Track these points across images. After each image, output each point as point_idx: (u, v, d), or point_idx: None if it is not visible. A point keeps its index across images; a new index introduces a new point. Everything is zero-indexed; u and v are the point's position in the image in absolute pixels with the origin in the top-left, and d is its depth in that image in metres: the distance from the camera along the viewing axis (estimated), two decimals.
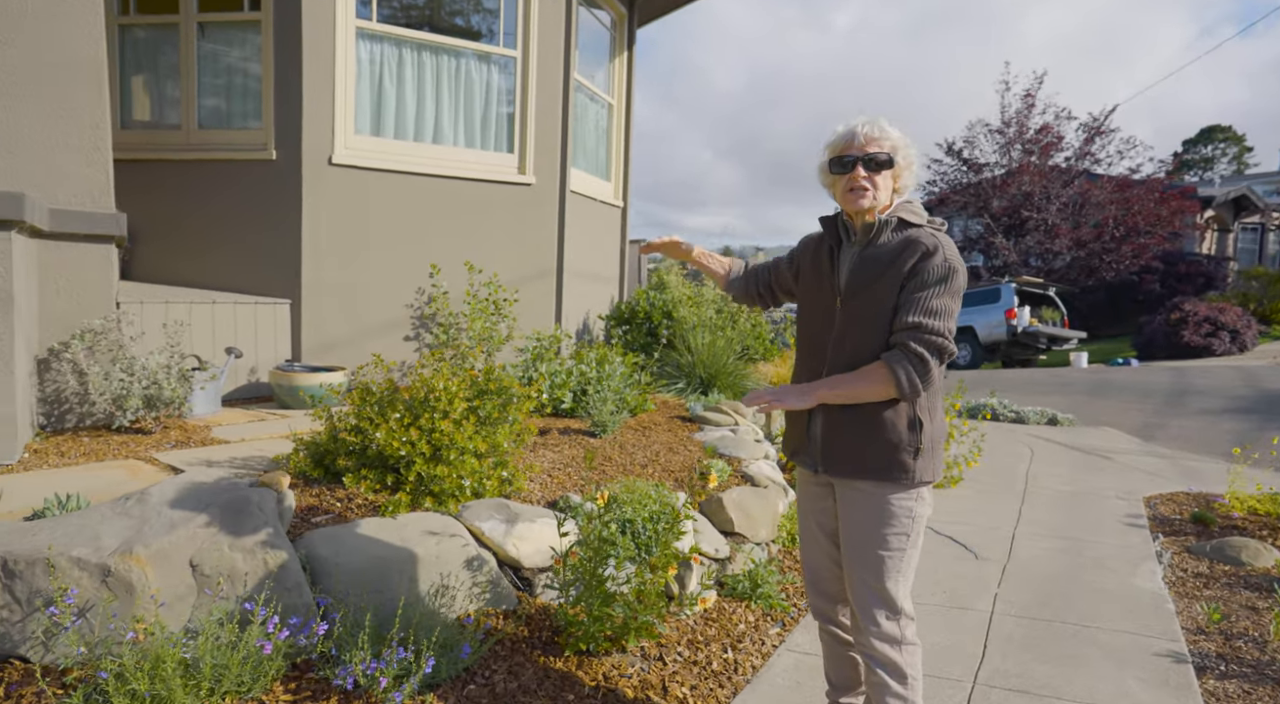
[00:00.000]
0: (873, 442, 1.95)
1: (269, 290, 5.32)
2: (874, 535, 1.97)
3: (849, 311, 1.99)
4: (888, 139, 1.96)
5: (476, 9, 6.40)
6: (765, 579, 3.37)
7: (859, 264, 1.99)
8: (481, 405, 3.22)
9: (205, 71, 5.55)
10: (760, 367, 7.29)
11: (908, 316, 1.87)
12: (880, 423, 1.94)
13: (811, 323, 2.13)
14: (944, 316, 1.88)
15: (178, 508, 2.42)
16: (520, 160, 6.32)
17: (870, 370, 1.91)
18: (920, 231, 1.95)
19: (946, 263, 1.88)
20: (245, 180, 5.36)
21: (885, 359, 1.89)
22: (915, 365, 1.85)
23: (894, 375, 1.86)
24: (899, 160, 1.98)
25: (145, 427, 3.97)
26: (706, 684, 2.65)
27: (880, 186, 1.96)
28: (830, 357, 2.03)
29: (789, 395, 1.98)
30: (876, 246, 1.97)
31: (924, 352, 1.85)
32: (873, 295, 1.95)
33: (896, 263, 1.92)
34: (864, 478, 1.97)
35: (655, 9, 8.61)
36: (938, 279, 1.88)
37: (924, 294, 1.87)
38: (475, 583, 2.74)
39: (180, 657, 2.05)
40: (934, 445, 1.98)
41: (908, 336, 1.87)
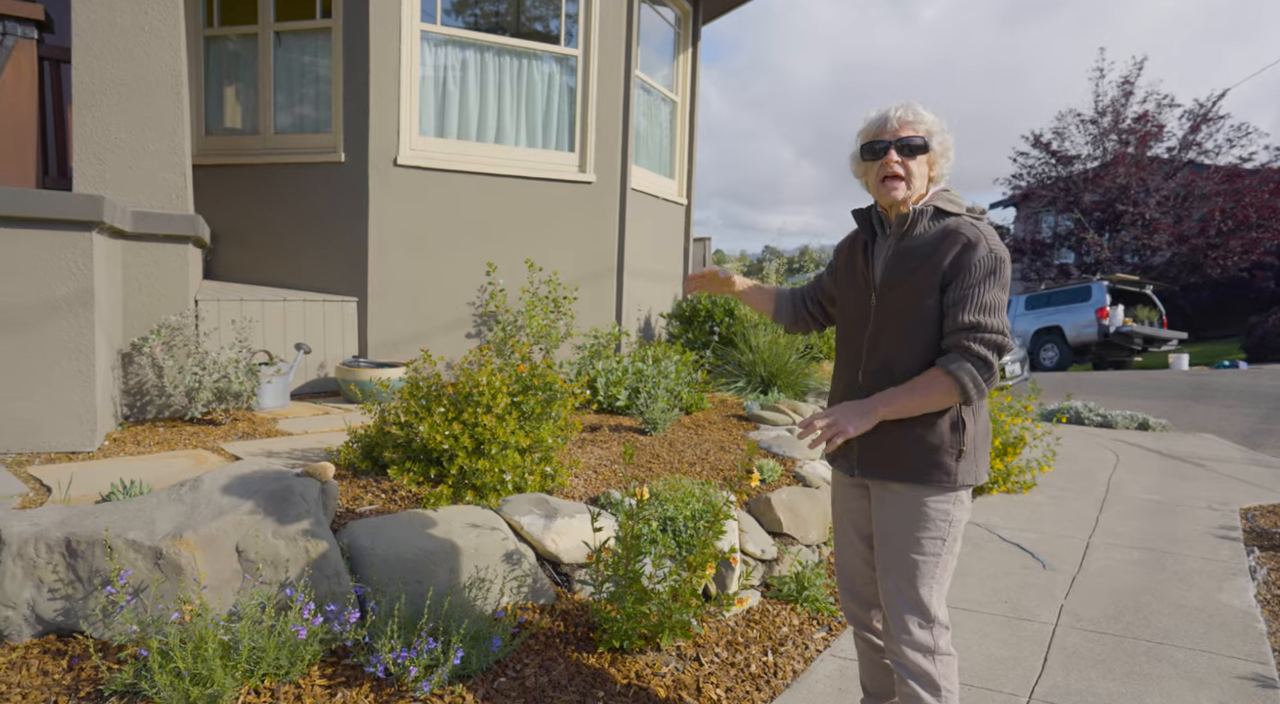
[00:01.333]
0: (914, 443, 1.86)
1: (338, 288, 5.52)
2: (909, 539, 1.89)
3: (884, 307, 1.91)
4: (922, 123, 1.86)
5: (538, 9, 6.47)
6: (812, 582, 3.28)
7: (894, 257, 1.90)
8: (525, 401, 3.24)
9: (281, 78, 5.80)
10: (824, 365, 7.12)
11: (963, 316, 1.77)
12: (922, 424, 1.85)
13: (848, 321, 2.05)
14: (998, 312, 1.78)
15: (227, 495, 2.52)
16: (581, 159, 6.35)
17: (932, 380, 1.80)
18: (959, 221, 1.85)
19: (993, 254, 1.78)
20: (316, 182, 5.57)
21: (946, 366, 1.78)
22: (980, 368, 1.76)
23: (959, 382, 1.76)
24: (934, 145, 1.87)
25: (215, 418, 4.17)
26: (743, 687, 2.59)
27: (915, 174, 1.86)
28: (865, 354, 1.95)
29: (847, 419, 1.81)
30: (912, 238, 1.88)
31: (986, 352, 1.76)
32: (909, 289, 1.85)
33: (934, 255, 1.82)
34: (902, 480, 1.89)
35: (722, 4, 8.52)
36: (986, 272, 1.77)
37: (975, 290, 1.77)
38: (513, 577, 2.76)
39: (221, 639, 2.14)
40: (976, 447, 1.89)
41: (967, 337, 1.77)
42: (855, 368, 1.98)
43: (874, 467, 1.94)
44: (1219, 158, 22.25)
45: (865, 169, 1.93)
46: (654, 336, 7.34)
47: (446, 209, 5.74)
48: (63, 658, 2.22)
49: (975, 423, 1.89)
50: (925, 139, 1.85)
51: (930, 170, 1.89)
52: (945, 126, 1.90)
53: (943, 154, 1.90)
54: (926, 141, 1.85)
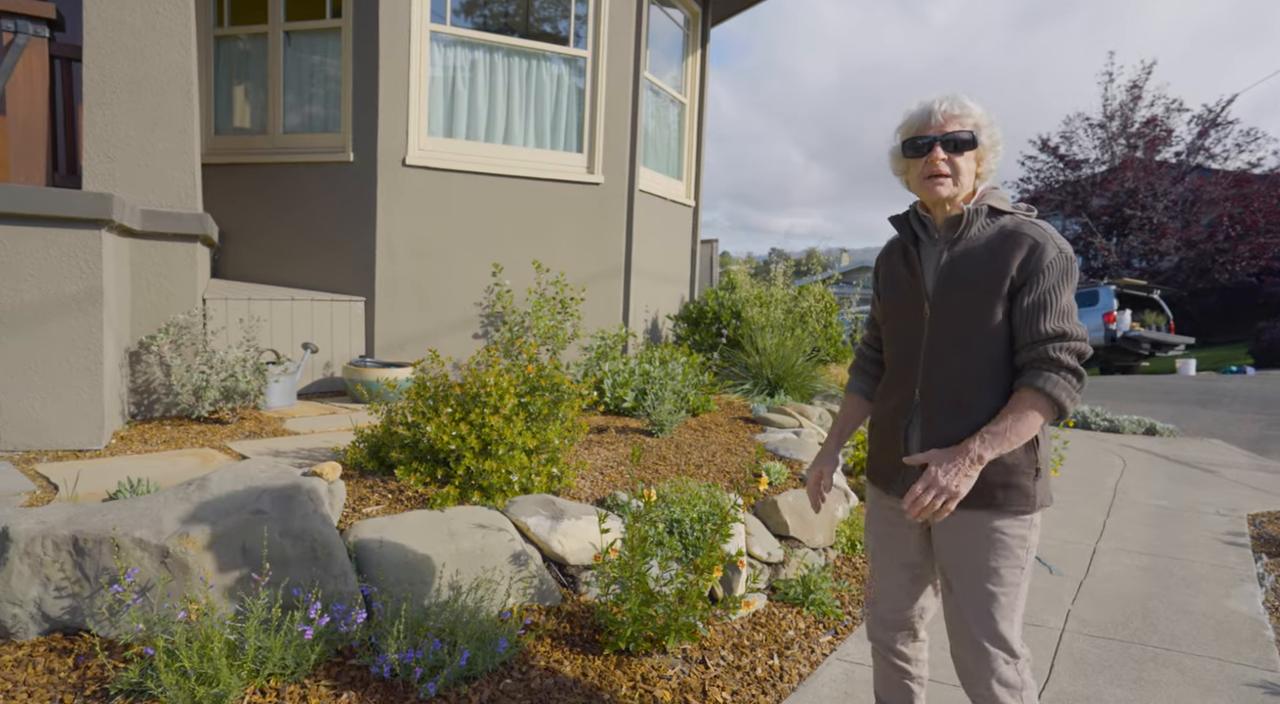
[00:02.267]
0: (989, 465, 1.70)
1: (345, 288, 5.52)
2: (986, 571, 1.73)
3: (941, 317, 1.76)
4: (969, 115, 1.72)
5: (547, 10, 6.48)
6: (819, 585, 3.27)
7: (950, 262, 1.75)
8: (532, 401, 3.23)
9: (290, 78, 5.81)
10: (831, 368, 7.11)
11: (1044, 324, 1.64)
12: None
13: (898, 334, 1.87)
14: (1074, 316, 1.67)
15: (233, 494, 2.52)
16: (589, 160, 6.35)
17: (1026, 404, 1.65)
18: (1018, 221, 1.73)
19: (1063, 254, 1.66)
20: (325, 182, 5.58)
21: (1037, 384, 1.64)
22: (1071, 381, 1.64)
23: (1054, 400, 1.63)
24: (982, 139, 1.73)
25: (222, 417, 4.18)
26: (749, 690, 2.58)
27: (962, 171, 1.73)
28: (923, 370, 1.78)
29: (954, 479, 1.64)
30: (967, 240, 1.75)
31: (1074, 362, 1.64)
32: (971, 297, 1.71)
33: (998, 259, 1.68)
34: (978, 507, 1.72)
35: (731, 6, 8.51)
36: (1060, 274, 1.65)
37: (1052, 294, 1.64)
38: (519, 578, 2.76)
39: (227, 638, 2.13)
40: (1046, 465, 1.78)
41: (1054, 348, 1.64)
42: (910, 386, 1.81)
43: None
44: (1227, 163, 22.17)
45: (907, 166, 1.80)
46: (661, 338, 7.34)
47: (454, 209, 5.75)
48: (69, 656, 2.23)
49: (1045, 438, 1.78)
50: (973, 133, 1.72)
51: (978, 166, 1.76)
52: (994, 119, 1.77)
53: (991, 148, 1.77)
54: (974, 136, 1.72)
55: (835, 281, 9.04)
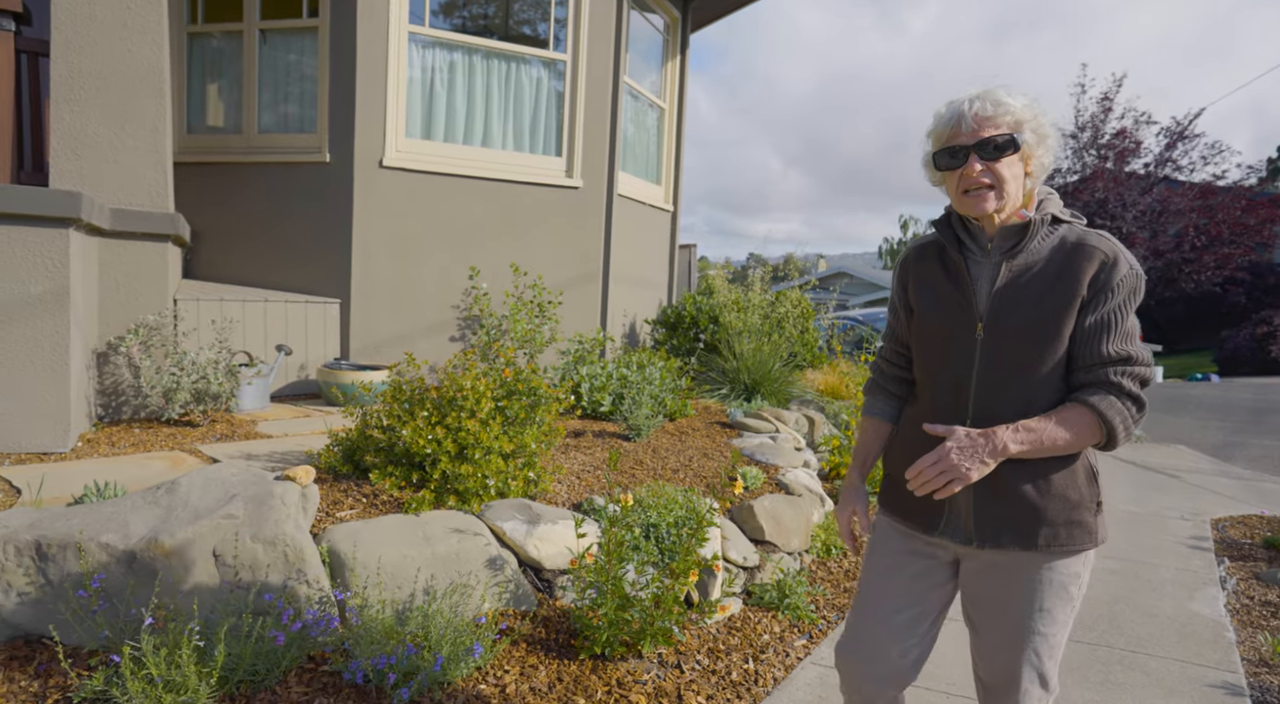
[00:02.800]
0: (1054, 499, 1.56)
1: (320, 290, 5.47)
2: (1038, 612, 1.59)
3: (998, 341, 1.57)
4: (1007, 113, 1.52)
5: (527, 13, 6.47)
6: (794, 589, 3.28)
7: (1010, 279, 1.57)
8: (509, 405, 3.22)
9: (265, 77, 5.74)
10: (808, 374, 7.16)
11: (1108, 345, 1.50)
12: (1058, 474, 1.56)
13: (943, 359, 1.66)
14: (1137, 338, 1.54)
15: (204, 498, 2.48)
16: (568, 164, 6.35)
17: (1076, 417, 1.50)
18: (1084, 233, 1.57)
19: (1134, 271, 1.51)
20: (300, 183, 5.52)
21: (1095, 404, 1.49)
22: (1131, 408, 1.50)
23: (1108, 425, 1.49)
24: (1026, 137, 1.54)
25: (193, 420, 4.12)
26: (724, 694, 2.58)
27: (1007, 179, 1.54)
28: (976, 400, 1.59)
29: (968, 460, 1.51)
30: (1027, 254, 1.57)
31: (1137, 389, 1.51)
32: (1034, 318, 1.54)
33: (1066, 275, 1.52)
34: (1038, 546, 1.57)
35: (711, 12, 8.57)
36: (1128, 293, 1.51)
37: (1117, 315, 1.50)
38: (495, 583, 2.74)
39: (196, 644, 2.10)
40: (1103, 494, 1.64)
41: (1117, 372, 1.50)
42: (958, 418, 1.61)
43: (1001, 532, 1.59)
44: (1194, 175, 22.68)
45: (943, 177, 1.62)
46: (639, 342, 7.34)
47: (432, 212, 5.72)
48: (30, 664, 2.18)
49: (1099, 468, 1.65)
50: (1013, 134, 1.53)
51: (1026, 167, 1.57)
52: (1039, 110, 1.56)
53: (1039, 143, 1.57)
54: (1015, 137, 1.52)
55: (812, 287, 9.11)
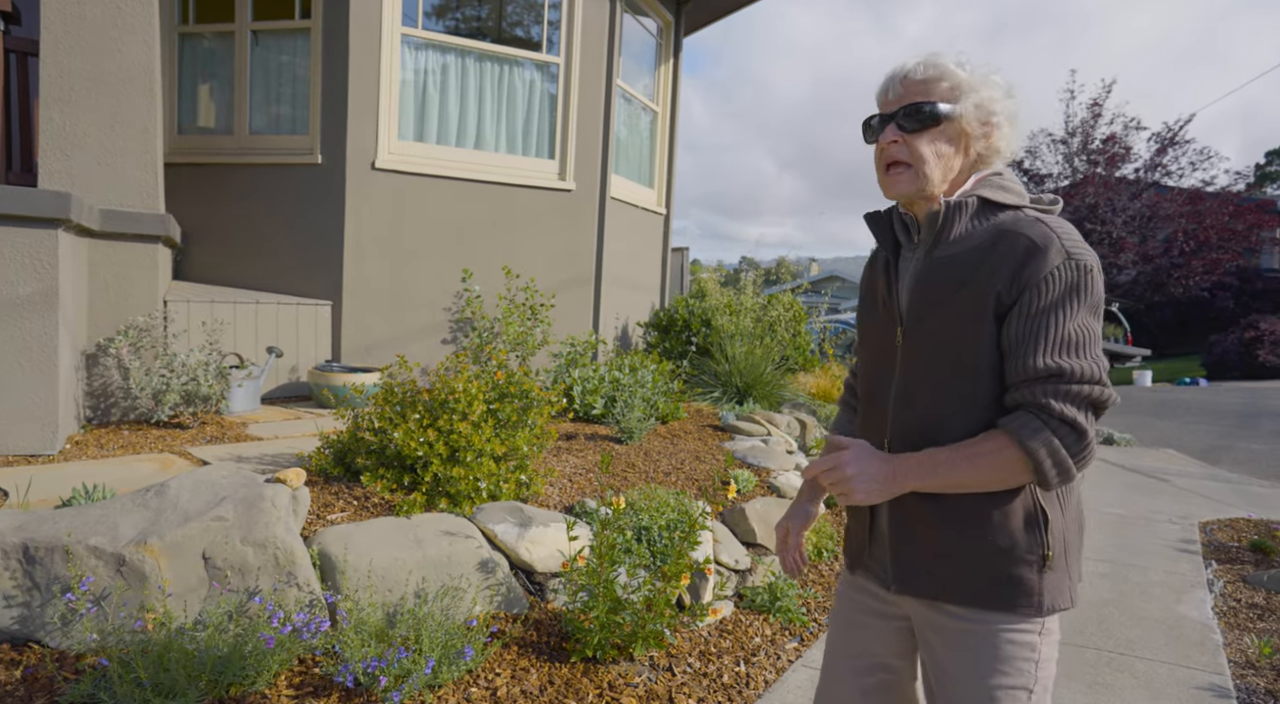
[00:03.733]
0: (973, 546, 1.29)
1: (312, 292, 5.45)
2: (978, 688, 1.30)
3: (914, 346, 1.34)
4: (942, 79, 1.29)
5: (520, 17, 6.48)
6: (785, 592, 3.29)
7: (925, 274, 1.33)
8: (501, 408, 3.22)
9: (257, 78, 5.73)
10: (800, 377, 7.18)
11: (1035, 357, 1.20)
12: (982, 516, 1.28)
13: (869, 367, 1.48)
14: (1087, 348, 1.21)
15: (194, 501, 2.47)
16: (561, 166, 6.35)
17: (993, 448, 1.22)
18: (1016, 217, 1.27)
19: (1072, 260, 1.20)
20: (292, 184, 5.51)
21: (1016, 432, 1.20)
22: (1065, 436, 1.19)
23: (1033, 458, 1.19)
24: (964, 111, 1.28)
25: (183, 422, 4.09)
26: (715, 697, 2.58)
27: (925, 158, 1.29)
28: (893, 415, 1.37)
29: (859, 479, 1.27)
30: (949, 245, 1.31)
31: (1074, 412, 1.18)
32: (949, 320, 1.29)
33: (984, 268, 1.25)
34: (958, 601, 1.32)
35: (704, 16, 8.59)
36: (1065, 290, 1.20)
37: (1050, 318, 1.20)
38: (486, 586, 2.74)
39: (185, 647, 2.09)
40: (1067, 549, 1.32)
41: (1044, 390, 1.20)
42: (880, 433, 1.41)
43: (915, 579, 1.36)
44: (1182, 180, 22.86)
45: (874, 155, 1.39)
46: (631, 345, 7.35)
47: (424, 214, 5.71)
48: (17, 668, 2.16)
49: (1063, 513, 1.31)
50: (938, 106, 1.28)
51: (961, 150, 1.32)
52: (997, 82, 1.31)
53: (984, 122, 1.31)
54: (938, 109, 1.28)
55: (804, 290, 9.14)
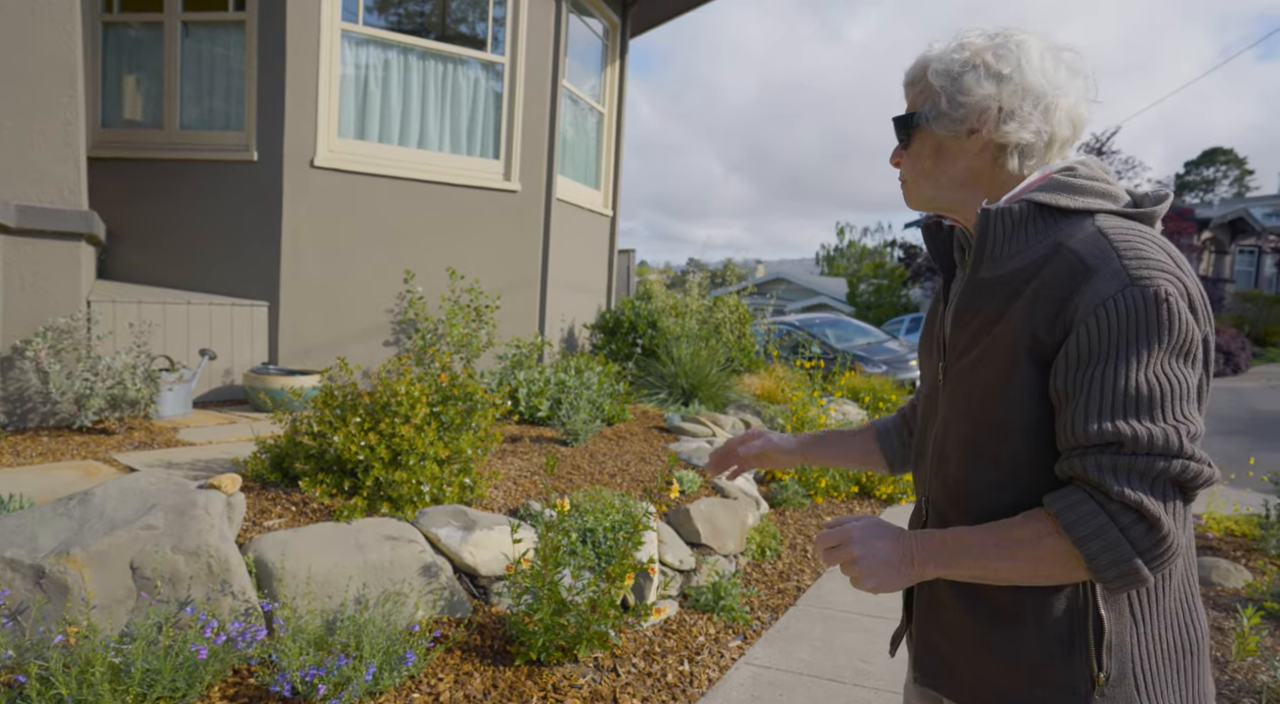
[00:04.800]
0: (998, 646, 1.03)
1: (247, 292, 5.29)
2: None
3: (951, 389, 1.09)
4: (916, 81, 1.11)
5: (465, 14, 6.41)
6: (729, 591, 3.33)
7: (963, 299, 1.08)
8: (445, 411, 3.18)
9: (188, 71, 5.54)
10: (745, 379, 7.27)
11: (1087, 420, 0.91)
12: (1010, 611, 1.02)
13: (922, 411, 1.23)
14: (1162, 406, 0.90)
15: (121, 509, 2.38)
16: (506, 167, 6.31)
17: (1028, 535, 0.95)
18: (1078, 227, 0.98)
19: (1136, 287, 0.90)
20: (226, 181, 5.34)
21: (1061, 513, 0.93)
22: (1129, 526, 0.89)
23: (1083, 550, 0.90)
24: (942, 108, 1.06)
25: (109, 427, 3.93)
26: (659, 696, 2.60)
27: (911, 173, 1.13)
28: (931, 470, 1.14)
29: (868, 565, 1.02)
30: (995, 262, 1.03)
31: (1138, 494, 0.89)
32: (981, 361, 1.02)
33: (1024, 296, 0.98)
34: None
35: (650, 19, 8.64)
36: (1128, 327, 0.90)
37: (1107, 367, 0.91)
38: (430, 590, 2.70)
39: (111, 661, 2.01)
40: (1142, 673, 0.98)
41: (1098, 463, 0.91)
42: (923, 491, 1.18)
43: (937, 672, 1.14)
44: None
45: None
46: (577, 347, 7.33)
47: (366, 213, 5.60)
48: None
49: (1136, 622, 0.98)
50: (911, 114, 1.11)
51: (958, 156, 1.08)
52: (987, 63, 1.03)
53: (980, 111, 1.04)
54: (907, 121, 1.11)
55: (750, 293, 9.26)
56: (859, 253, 35.16)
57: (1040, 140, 1.04)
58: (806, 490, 4.98)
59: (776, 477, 5.06)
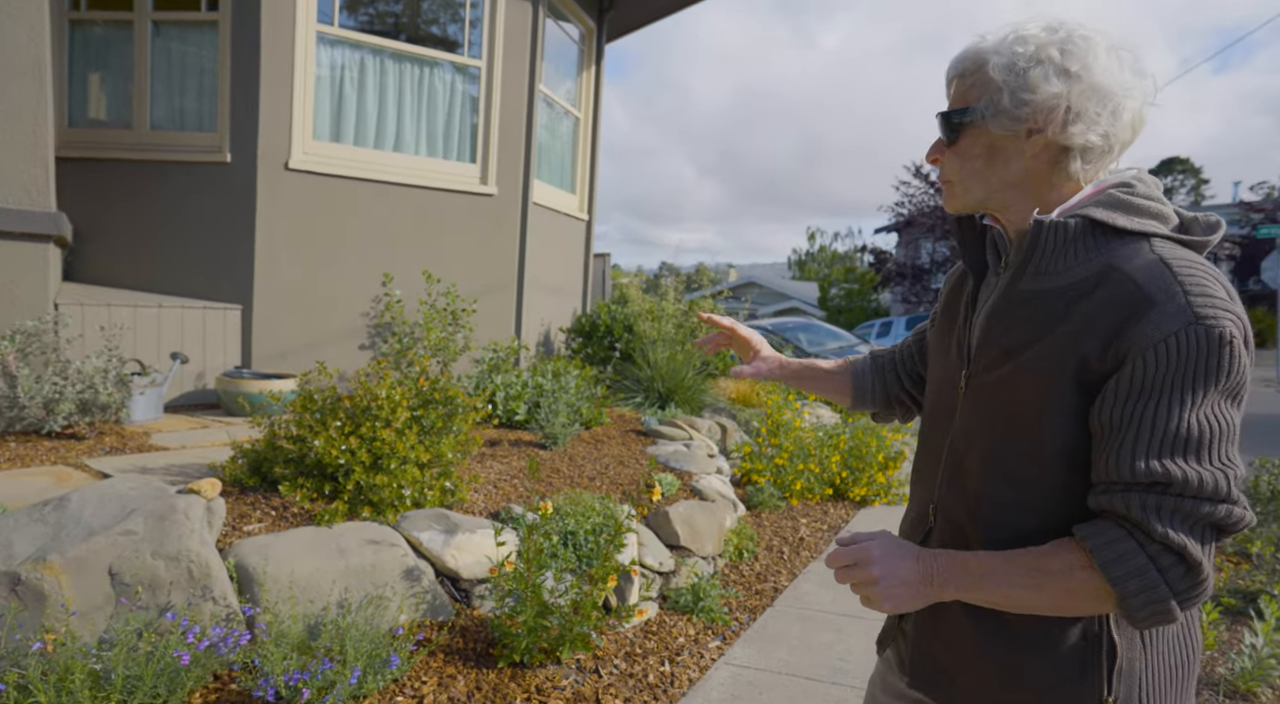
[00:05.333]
0: (1004, 665, 1.03)
1: (220, 295, 5.23)
2: None
3: (975, 400, 1.07)
4: (968, 73, 1.03)
5: (442, 18, 6.40)
6: (708, 593, 3.37)
7: (1002, 309, 1.05)
8: (426, 415, 3.18)
9: (159, 71, 5.47)
10: (720, 382, 7.33)
11: (1135, 457, 0.90)
12: (1020, 631, 1.02)
13: (927, 413, 1.22)
14: (1212, 449, 0.89)
15: (99, 514, 2.35)
16: (483, 171, 6.30)
17: (1058, 566, 0.93)
18: (1136, 252, 0.96)
19: (1201, 326, 0.88)
20: (198, 183, 5.27)
21: (1098, 550, 0.91)
22: (1168, 568, 0.88)
23: (1118, 588, 0.89)
24: (989, 112, 1.00)
25: (79, 432, 3.86)
26: (641, 697, 2.63)
27: (957, 173, 1.06)
28: (942, 478, 1.12)
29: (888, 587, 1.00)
30: (1040, 276, 1.01)
31: (1183, 538, 0.88)
32: (1018, 377, 1.00)
33: (1074, 317, 0.95)
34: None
35: (627, 24, 8.69)
36: (1187, 366, 0.88)
37: (1161, 404, 0.89)
38: (412, 594, 2.70)
39: (90, 668, 1.99)
40: (1156, 691, 1.00)
41: (1143, 503, 0.90)
42: (929, 497, 1.16)
43: (933, 679, 1.13)
44: None
45: None
46: (554, 351, 7.34)
47: (341, 217, 5.56)
48: None
49: (1145, 647, 1.00)
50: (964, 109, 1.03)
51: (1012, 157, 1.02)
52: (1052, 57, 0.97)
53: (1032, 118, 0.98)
54: (954, 114, 1.04)
55: (725, 297, 9.34)
56: (830, 257, 35.56)
57: (1106, 143, 0.99)
58: (782, 493, 5.04)
59: (753, 479, 5.12)
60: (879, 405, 1.46)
